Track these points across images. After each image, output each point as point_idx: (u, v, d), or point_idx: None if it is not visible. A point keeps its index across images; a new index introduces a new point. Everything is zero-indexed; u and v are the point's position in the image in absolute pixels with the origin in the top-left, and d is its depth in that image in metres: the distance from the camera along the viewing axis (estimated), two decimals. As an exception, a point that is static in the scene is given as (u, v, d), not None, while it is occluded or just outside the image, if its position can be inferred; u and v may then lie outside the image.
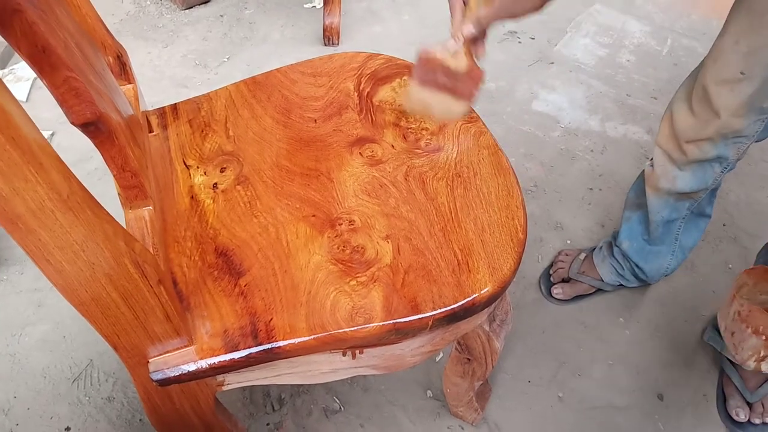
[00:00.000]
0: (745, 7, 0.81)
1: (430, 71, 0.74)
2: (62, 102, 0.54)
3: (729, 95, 0.86)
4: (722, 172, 0.98)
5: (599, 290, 1.27)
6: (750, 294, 0.79)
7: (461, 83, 0.75)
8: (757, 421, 1.07)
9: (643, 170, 1.10)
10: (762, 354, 0.73)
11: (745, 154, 0.94)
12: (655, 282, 1.26)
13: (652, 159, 1.05)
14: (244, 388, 1.14)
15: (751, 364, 0.75)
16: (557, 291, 1.26)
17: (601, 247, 1.25)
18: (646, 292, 1.29)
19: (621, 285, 1.25)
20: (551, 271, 1.29)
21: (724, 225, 1.41)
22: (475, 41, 0.74)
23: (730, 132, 0.90)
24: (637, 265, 1.18)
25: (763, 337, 0.72)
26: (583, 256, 1.28)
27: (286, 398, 1.12)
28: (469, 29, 0.71)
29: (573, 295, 1.26)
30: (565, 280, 1.27)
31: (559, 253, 1.32)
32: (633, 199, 1.16)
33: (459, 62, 0.73)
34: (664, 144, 1.00)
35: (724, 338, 0.76)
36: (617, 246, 1.20)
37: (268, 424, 1.09)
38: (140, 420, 1.10)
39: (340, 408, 1.11)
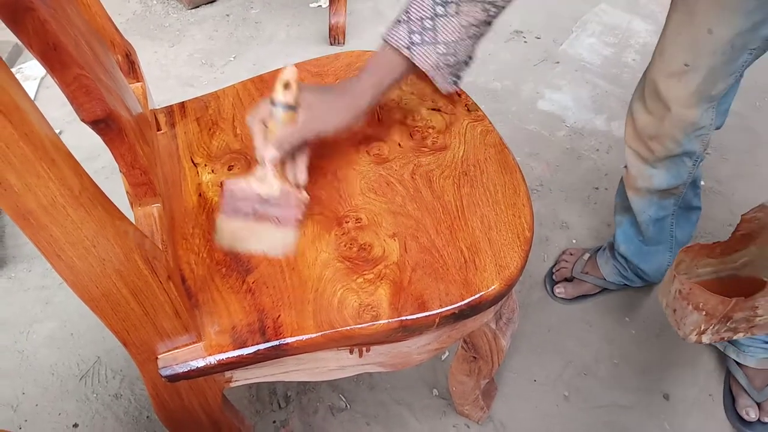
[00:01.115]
0: (680, 0, 0.83)
1: (240, 200, 0.69)
2: (73, 99, 0.54)
3: (677, 87, 0.88)
4: (694, 164, 1.00)
5: (604, 290, 1.27)
6: (687, 269, 0.81)
7: (280, 209, 0.69)
8: (767, 419, 1.07)
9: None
10: (702, 328, 0.75)
11: (709, 143, 0.97)
12: (659, 281, 1.26)
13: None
14: (250, 386, 1.14)
15: (693, 338, 0.77)
16: (560, 290, 1.26)
17: (604, 248, 1.25)
18: (652, 291, 1.29)
19: (625, 285, 1.25)
20: (554, 270, 1.30)
21: (729, 225, 1.41)
22: (291, 161, 0.71)
23: (686, 125, 0.91)
24: (638, 267, 1.18)
25: (703, 313, 0.74)
26: (587, 256, 1.28)
27: (292, 396, 1.13)
28: (272, 152, 0.66)
29: (576, 295, 1.26)
30: (569, 280, 1.27)
31: (563, 253, 1.32)
32: (620, 203, 1.17)
33: (271, 188, 0.68)
34: (631, 144, 1.02)
35: (666, 314, 0.79)
36: (616, 249, 1.20)
37: (274, 422, 1.10)
38: (147, 417, 1.10)
39: (346, 406, 1.12)
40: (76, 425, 1.10)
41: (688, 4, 0.81)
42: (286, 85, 0.65)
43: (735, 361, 1.11)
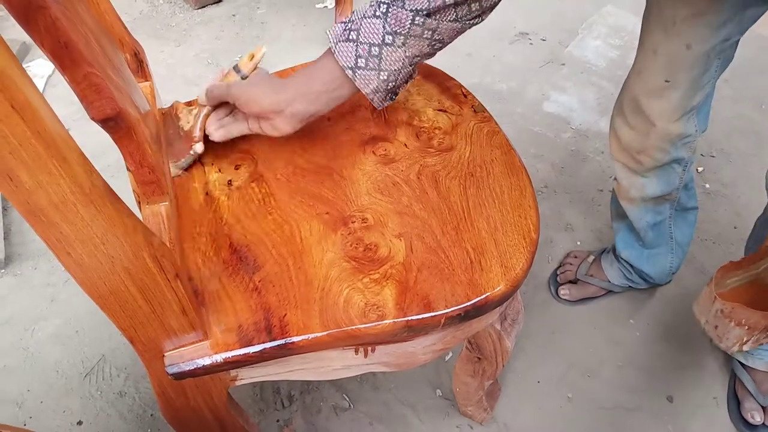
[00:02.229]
0: (655, 17, 0.84)
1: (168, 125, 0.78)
2: (83, 97, 0.55)
3: (659, 103, 0.89)
4: (684, 170, 1.00)
5: (608, 292, 1.27)
6: (718, 283, 0.83)
7: (176, 142, 0.77)
8: None
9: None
10: (744, 340, 0.78)
11: (696, 146, 0.98)
12: (665, 283, 1.26)
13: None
14: (254, 385, 1.14)
15: (735, 348, 0.80)
16: (564, 292, 1.26)
17: (608, 250, 1.25)
18: (656, 293, 1.29)
19: (630, 287, 1.25)
20: (558, 272, 1.30)
21: (735, 228, 1.41)
22: (224, 118, 0.77)
23: (673, 137, 0.92)
24: (641, 270, 1.18)
25: (746, 327, 0.77)
26: (591, 258, 1.28)
27: (296, 395, 1.13)
28: (201, 94, 0.75)
29: (580, 297, 1.26)
30: (573, 282, 1.27)
31: (568, 255, 1.32)
32: (615, 210, 1.18)
33: (187, 122, 0.77)
34: (619, 157, 1.02)
35: (706, 330, 0.82)
36: (618, 254, 1.21)
37: (278, 421, 1.10)
38: (151, 415, 1.11)
39: (350, 406, 1.12)
40: (80, 423, 1.10)
41: (663, 23, 0.82)
42: (251, 57, 0.74)
43: (742, 364, 1.10)
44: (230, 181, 0.76)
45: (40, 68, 1.80)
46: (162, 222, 0.66)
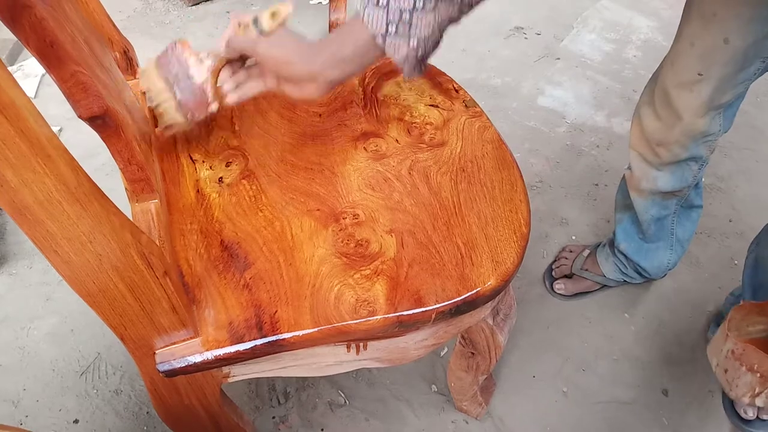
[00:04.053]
0: (696, 10, 0.83)
1: (173, 61, 0.69)
2: (70, 96, 0.55)
3: (689, 96, 0.88)
4: (700, 168, 1.00)
5: (603, 287, 1.27)
6: (737, 326, 0.80)
7: (186, 95, 0.69)
8: (766, 417, 1.07)
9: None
10: (757, 390, 0.74)
11: (716, 147, 0.97)
12: (660, 278, 1.26)
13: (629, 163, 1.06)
14: (249, 382, 1.14)
15: (746, 400, 0.76)
16: (559, 286, 1.26)
17: (604, 245, 1.25)
18: (651, 287, 1.29)
19: (625, 281, 1.25)
20: (553, 267, 1.30)
21: (730, 221, 1.41)
22: (239, 77, 0.71)
23: (696, 133, 0.91)
24: (637, 264, 1.18)
25: (758, 375, 0.73)
26: (586, 252, 1.28)
27: (291, 392, 1.13)
28: (220, 46, 0.69)
29: (575, 292, 1.26)
30: (568, 276, 1.27)
31: (563, 249, 1.32)
32: (621, 201, 1.17)
33: (199, 75, 0.69)
34: (637, 147, 1.01)
35: (716, 374, 0.78)
36: (616, 246, 1.20)
37: (273, 418, 1.10)
38: (147, 412, 1.11)
39: (345, 402, 1.12)
40: (76, 421, 1.10)
41: (703, 14, 0.81)
42: (273, 15, 0.67)
43: None
44: (221, 178, 0.76)
45: (35, 67, 1.80)
46: (152, 219, 0.66)
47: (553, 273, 1.29)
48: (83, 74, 0.54)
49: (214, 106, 0.70)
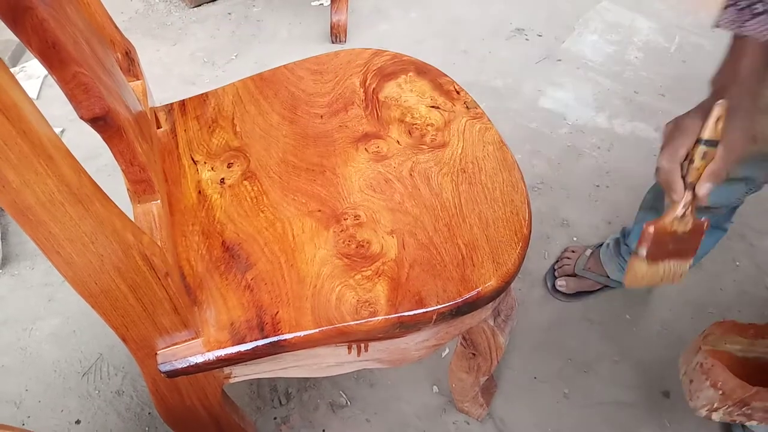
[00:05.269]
0: None
1: (662, 244, 0.72)
2: (71, 97, 0.55)
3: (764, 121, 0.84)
4: (747, 192, 0.96)
5: (605, 287, 1.27)
6: (715, 342, 0.80)
7: (686, 243, 0.72)
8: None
9: None
10: (715, 406, 0.74)
11: None
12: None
13: None
14: (251, 383, 1.15)
15: (702, 413, 0.76)
16: (561, 283, 1.26)
17: (608, 244, 1.25)
18: (653, 289, 1.29)
19: None
20: (556, 267, 1.30)
21: (731, 222, 1.41)
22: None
23: (761, 155, 0.88)
24: None
25: (720, 392, 0.73)
26: (588, 252, 1.28)
27: (293, 393, 1.13)
28: (706, 189, 0.69)
29: (577, 290, 1.26)
30: (570, 276, 1.27)
31: (565, 250, 1.32)
32: (650, 201, 1.14)
33: (686, 224, 0.71)
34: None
35: (682, 381, 0.78)
36: (626, 245, 1.20)
37: (275, 419, 1.10)
38: (149, 413, 1.11)
39: (347, 403, 1.12)
40: (78, 422, 1.11)
41: None
42: (718, 120, 0.65)
43: None
44: (223, 179, 0.77)
45: (37, 69, 1.80)
46: (153, 220, 0.66)
47: (556, 273, 1.29)
48: (85, 75, 0.54)
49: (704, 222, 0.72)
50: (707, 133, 0.66)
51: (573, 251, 1.31)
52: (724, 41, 0.73)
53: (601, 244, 1.27)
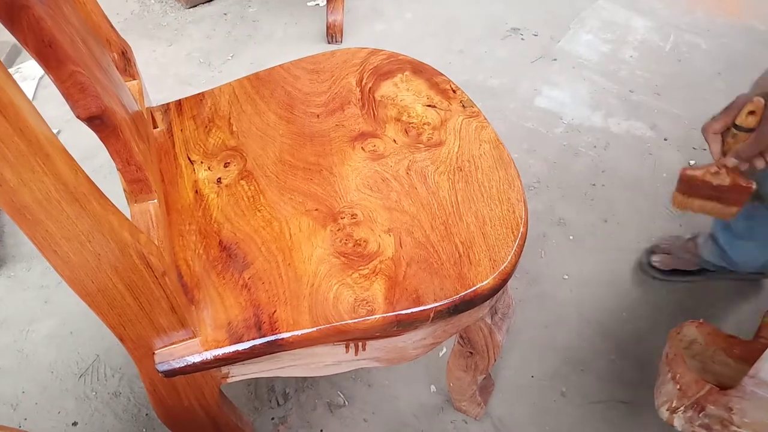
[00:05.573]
0: None
1: (695, 187, 0.88)
2: (68, 96, 0.55)
3: None
4: None
5: (702, 270, 1.27)
6: (702, 352, 0.79)
7: (727, 194, 0.86)
8: None
9: None
10: (674, 404, 0.73)
11: None
12: (747, 273, 1.24)
13: None
14: (248, 383, 1.14)
15: (664, 412, 0.75)
16: (656, 258, 1.28)
17: (706, 234, 1.26)
18: (648, 288, 1.29)
19: (723, 267, 1.24)
20: (653, 248, 1.31)
21: (727, 220, 1.41)
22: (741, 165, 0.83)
23: None
24: (728, 254, 1.18)
25: (678, 386, 0.72)
26: (688, 236, 1.29)
27: (290, 393, 1.13)
28: (732, 162, 0.82)
29: (673, 267, 1.27)
30: (667, 254, 1.28)
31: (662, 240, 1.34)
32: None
33: (721, 179, 0.85)
34: None
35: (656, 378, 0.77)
36: (712, 233, 1.21)
37: (272, 419, 1.10)
38: (146, 414, 1.11)
39: (345, 403, 1.12)
40: (75, 423, 1.10)
41: None
42: (751, 113, 0.77)
43: None
44: (219, 178, 0.77)
45: (32, 70, 1.80)
46: (150, 220, 0.66)
47: (654, 250, 1.29)
48: (81, 74, 0.54)
49: (752, 184, 0.84)
50: (738, 119, 0.79)
51: (669, 240, 1.32)
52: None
53: (698, 234, 1.28)
